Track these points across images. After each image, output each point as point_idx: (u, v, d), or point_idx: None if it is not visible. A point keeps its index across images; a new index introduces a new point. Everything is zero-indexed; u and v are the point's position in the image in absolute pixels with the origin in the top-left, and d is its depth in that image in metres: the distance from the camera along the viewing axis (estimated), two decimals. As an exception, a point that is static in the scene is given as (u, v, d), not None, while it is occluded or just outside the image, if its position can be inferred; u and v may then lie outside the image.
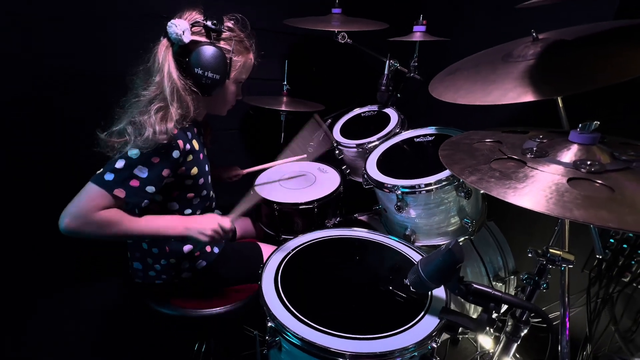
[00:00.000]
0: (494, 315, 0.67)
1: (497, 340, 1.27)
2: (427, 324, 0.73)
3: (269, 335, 0.76)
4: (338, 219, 1.42)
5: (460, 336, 1.46)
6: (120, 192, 0.78)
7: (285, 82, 1.65)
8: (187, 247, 0.99)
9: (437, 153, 0.81)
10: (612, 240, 1.25)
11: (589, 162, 0.61)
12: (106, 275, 1.50)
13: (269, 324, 0.74)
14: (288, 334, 0.71)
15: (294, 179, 1.47)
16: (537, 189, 0.56)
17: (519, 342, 0.75)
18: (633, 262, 1.22)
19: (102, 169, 0.79)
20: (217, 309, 0.99)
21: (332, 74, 1.97)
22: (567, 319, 0.69)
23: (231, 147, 1.86)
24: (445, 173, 0.99)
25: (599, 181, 0.57)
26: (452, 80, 1.03)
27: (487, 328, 0.67)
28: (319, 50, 1.92)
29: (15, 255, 1.34)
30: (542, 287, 0.69)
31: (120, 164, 0.78)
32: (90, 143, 0.82)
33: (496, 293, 0.65)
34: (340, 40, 1.55)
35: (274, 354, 0.78)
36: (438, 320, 0.73)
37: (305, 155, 1.50)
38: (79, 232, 0.76)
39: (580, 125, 0.66)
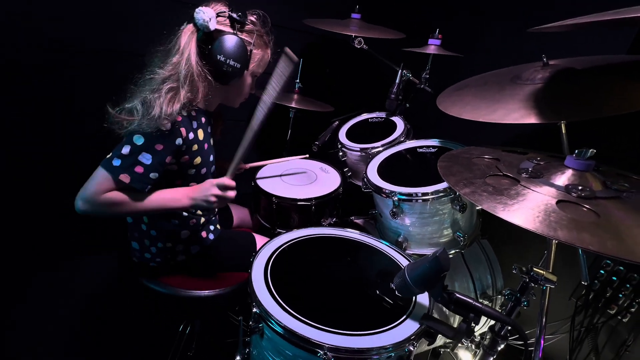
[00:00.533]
0: (473, 326, 0.69)
1: (475, 355, 1.28)
2: (408, 327, 0.75)
3: (252, 321, 0.78)
4: (334, 219, 1.45)
5: (442, 350, 1.47)
6: (125, 178, 0.81)
7: (297, 80, 1.68)
8: (184, 232, 1.02)
9: (437, 164, 0.83)
10: (602, 272, 1.26)
11: (580, 187, 0.62)
12: (105, 250, 1.53)
13: (254, 310, 0.76)
14: (272, 321, 0.73)
15: (296, 175, 1.49)
16: (526, 207, 0.58)
17: (495, 357, 0.76)
18: (620, 295, 1.23)
19: (110, 154, 0.83)
20: (206, 292, 1.02)
21: (344, 77, 2.00)
22: (542, 338, 0.70)
23: (237, 139, 1.88)
24: (443, 185, 1.00)
25: (587, 206, 0.58)
26: (459, 96, 1.05)
27: (465, 338, 0.69)
28: (334, 52, 1.95)
29: (17, 227, 1.37)
30: (522, 304, 0.70)
31: (126, 149, 0.82)
32: (101, 117, 0.84)
33: (476, 304, 0.67)
34: (356, 45, 1.57)
35: (255, 339, 0.80)
36: (418, 325, 0.75)
37: (307, 155, 1.53)
38: (91, 213, 0.82)
39: (576, 151, 0.68)
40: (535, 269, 0.66)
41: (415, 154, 1.26)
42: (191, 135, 0.89)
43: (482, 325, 1.35)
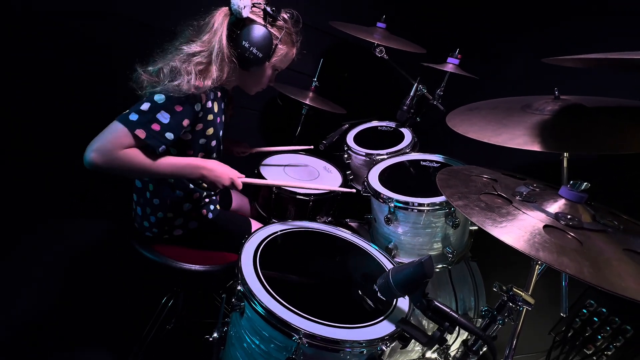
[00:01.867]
0: (447, 336, 0.71)
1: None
2: (384, 327, 0.77)
3: (235, 298, 0.80)
4: (329, 218, 1.47)
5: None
6: (141, 133, 0.82)
7: (315, 79, 1.71)
8: (186, 205, 1.04)
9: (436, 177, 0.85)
10: (584, 311, 1.27)
11: (569, 216, 0.64)
12: (106, 215, 1.57)
13: (239, 287, 0.79)
14: (254, 301, 0.75)
15: (299, 169, 1.52)
16: (513, 226, 0.60)
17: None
18: (599, 337, 1.23)
19: (128, 110, 0.85)
20: (196, 266, 1.04)
21: (361, 82, 2.03)
22: (510, 358, 0.72)
23: (248, 126, 1.92)
24: (440, 198, 1.03)
25: (572, 234, 0.60)
26: (468, 116, 1.08)
27: (437, 346, 0.71)
28: (355, 57, 1.98)
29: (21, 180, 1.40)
30: (498, 322, 0.72)
31: (145, 106, 0.84)
32: (126, 77, 0.87)
33: (453, 314, 0.69)
34: (377, 54, 1.60)
35: (235, 317, 0.83)
36: (394, 328, 0.77)
37: (311, 147, 1.56)
38: (103, 167, 0.79)
39: (571, 182, 0.70)
40: (515, 289, 0.68)
41: (418, 166, 1.28)
42: (209, 104, 0.93)
43: (456, 339, 1.36)
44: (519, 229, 0.60)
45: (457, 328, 0.73)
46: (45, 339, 1.26)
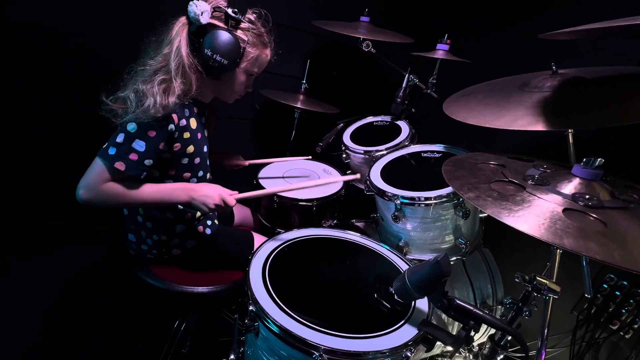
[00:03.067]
0: (473, 335, 0.67)
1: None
2: (406, 332, 0.73)
3: (248, 319, 0.77)
4: (335, 221, 1.44)
5: (439, 359, 1.45)
6: (120, 165, 0.82)
7: (304, 81, 1.68)
8: (179, 226, 1.01)
9: (441, 170, 0.82)
10: (605, 286, 1.24)
11: (587, 197, 0.61)
12: (101, 242, 1.53)
13: (251, 308, 0.75)
14: (268, 320, 0.72)
15: (299, 178, 1.48)
16: (531, 214, 0.57)
17: (507, 351, 0.74)
18: (623, 311, 1.20)
19: (107, 143, 0.84)
20: (201, 288, 1.01)
21: (350, 79, 2.00)
22: (543, 350, 0.69)
23: (240, 136, 1.89)
24: (447, 190, 0.99)
25: (594, 215, 0.57)
26: (465, 101, 1.05)
27: (464, 346, 0.68)
28: (341, 54, 1.95)
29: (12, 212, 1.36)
30: (524, 314, 0.69)
31: (120, 137, 0.83)
32: (96, 106, 0.84)
33: (477, 311, 0.65)
34: (364, 48, 1.57)
35: (250, 338, 0.79)
36: (417, 331, 0.74)
37: (309, 157, 1.53)
38: (92, 202, 0.83)
39: (584, 160, 0.67)
40: (538, 278, 0.65)
41: (420, 158, 1.25)
42: (183, 122, 0.89)
43: (482, 335, 1.33)
44: (538, 216, 0.56)
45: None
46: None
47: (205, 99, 1.01)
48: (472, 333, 0.67)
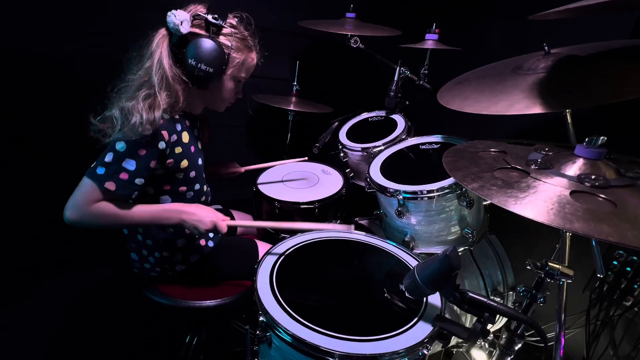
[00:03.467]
0: (488, 327, 0.66)
1: (491, 355, 1.25)
2: (420, 330, 0.72)
3: (260, 330, 0.75)
4: (338, 221, 1.42)
5: (454, 350, 1.44)
6: (110, 185, 0.80)
7: (295, 83, 1.66)
8: (180, 241, 1.00)
9: (441, 162, 0.81)
10: (615, 263, 1.23)
11: (593, 177, 0.60)
12: (106, 262, 1.52)
13: (261, 319, 0.74)
14: (279, 329, 0.70)
15: (298, 182, 1.47)
16: (538, 200, 0.56)
17: (512, 357, 0.73)
18: (636, 286, 1.19)
19: (95, 162, 0.81)
20: (209, 302, 1.00)
21: (342, 77, 1.99)
22: (562, 336, 0.67)
23: (236, 143, 1.87)
24: (449, 181, 0.98)
25: (602, 196, 0.56)
26: (460, 90, 1.03)
27: (480, 339, 0.66)
28: (330, 53, 1.94)
29: (17, 239, 1.35)
30: (539, 301, 0.67)
31: (109, 157, 0.80)
32: (85, 127, 0.83)
33: (491, 303, 0.64)
34: (352, 45, 1.56)
35: (263, 349, 0.78)
36: (431, 327, 0.72)
37: (306, 158, 1.51)
38: (80, 223, 0.81)
39: (586, 139, 0.65)
40: (550, 263, 0.64)
41: (418, 151, 1.24)
42: (174, 138, 0.87)
43: (496, 322, 1.32)
44: (545, 202, 0.55)
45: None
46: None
47: (195, 111, 0.99)
48: (488, 325, 0.66)
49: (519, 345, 0.72)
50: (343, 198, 1.39)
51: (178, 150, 0.89)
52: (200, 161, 0.99)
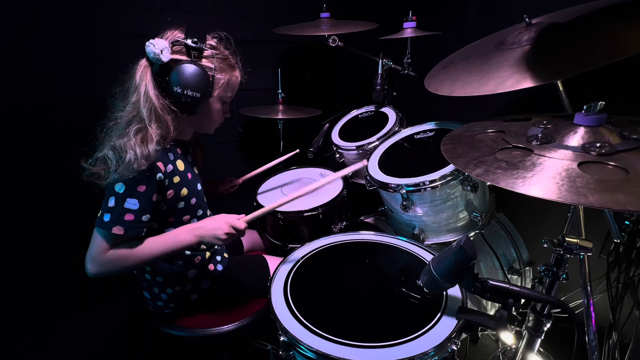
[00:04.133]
0: (514, 312, 0.65)
1: (518, 335, 1.24)
2: (445, 325, 0.70)
3: (282, 350, 0.73)
4: (344, 223, 1.40)
5: (480, 333, 1.42)
6: (118, 230, 0.78)
7: (280, 91, 1.64)
8: (191, 272, 0.98)
9: (439, 148, 0.79)
10: (627, 223, 1.21)
11: (598, 144, 0.58)
12: (120, 302, 1.49)
13: (282, 338, 0.72)
14: (302, 347, 0.68)
15: (297, 186, 1.45)
16: (547, 177, 0.54)
17: (542, 337, 0.72)
18: (652, 244, 1.18)
19: (100, 211, 0.80)
20: (227, 326, 0.97)
21: (326, 78, 1.97)
22: (591, 310, 0.66)
23: (229, 160, 1.85)
24: (449, 168, 0.96)
25: (612, 163, 0.54)
26: (447, 74, 1.02)
27: (508, 326, 0.65)
28: (311, 56, 1.92)
29: (27, 281, 1.32)
30: (561, 278, 0.66)
31: (111, 202, 0.79)
32: (78, 172, 0.81)
33: (514, 288, 0.62)
34: (331, 44, 1.54)
35: (289, 369, 0.76)
36: (456, 321, 0.71)
37: (297, 150, 1.48)
38: (103, 273, 0.80)
39: (585, 107, 0.64)
40: (567, 238, 0.62)
41: (414, 141, 1.22)
42: (170, 168, 0.86)
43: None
44: (554, 178, 0.53)
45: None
46: None
47: (185, 137, 0.97)
48: (513, 310, 0.64)
49: (548, 326, 0.71)
50: (345, 199, 1.37)
51: (176, 179, 0.88)
52: (199, 186, 0.97)
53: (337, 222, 1.37)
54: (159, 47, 0.79)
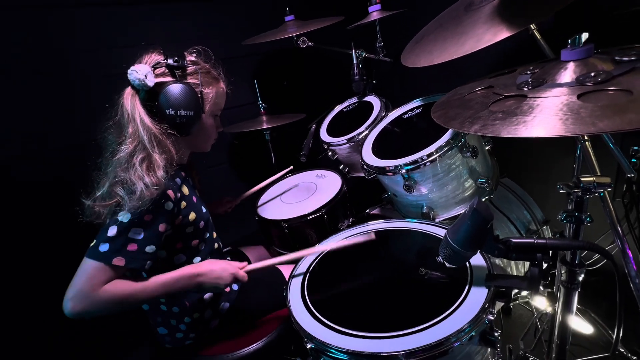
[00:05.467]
0: (545, 267, 0.61)
1: (551, 298, 1.19)
2: (476, 297, 0.66)
3: (312, 358, 0.69)
4: (351, 219, 1.37)
5: (512, 304, 1.37)
6: (119, 261, 0.72)
7: (260, 102, 1.62)
8: (207, 295, 0.93)
9: (430, 123, 0.77)
10: (634, 160, 1.18)
11: (592, 74, 0.56)
12: (133, 345, 1.43)
13: (309, 346, 0.67)
14: (332, 350, 0.64)
15: (295, 192, 1.42)
16: (548, 116, 0.51)
17: (579, 290, 0.68)
18: (664, 177, 1.14)
19: (95, 241, 0.74)
20: (253, 346, 0.92)
21: (304, 80, 1.96)
22: (627, 248, 0.62)
23: (224, 181, 1.82)
24: (444, 138, 0.93)
25: (612, 88, 0.51)
26: (421, 47, 1.00)
27: (542, 283, 0.61)
28: (285, 63, 1.91)
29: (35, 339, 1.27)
30: (586, 222, 0.62)
31: (112, 231, 0.73)
32: (74, 214, 0.77)
33: (539, 241, 0.59)
34: (301, 46, 1.53)
35: (323, 377, 0.71)
36: (486, 290, 0.66)
37: (291, 167, 1.47)
38: (87, 313, 0.71)
39: (569, 41, 0.61)
40: (582, 178, 0.59)
41: (403, 121, 1.19)
42: (178, 195, 0.83)
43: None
44: (556, 115, 0.50)
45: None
46: None
47: (184, 160, 0.95)
48: (544, 265, 0.60)
49: (582, 276, 0.67)
50: (347, 195, 1.34)
51: (183, 205, 0.85)
52: (204, 209, 0.94)
53: (343, 219, 1.33)
54: (142, 72, 0.77)
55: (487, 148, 1.08)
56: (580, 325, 1.19)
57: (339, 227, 1.30)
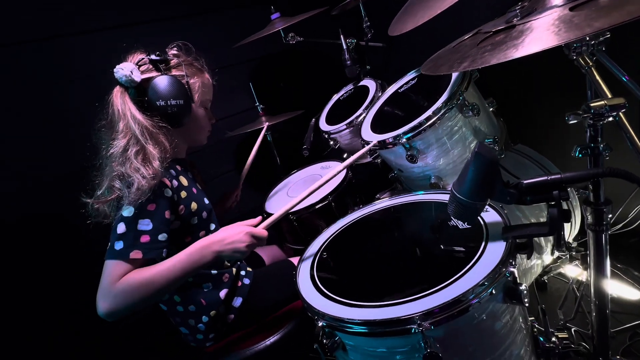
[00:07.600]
0: (565, 207, 0.55)
1: (585, 265, 1.10)
2: (494, 252, 0.61)
3: (326, 338, 0.64)
4: (360, 206, 1.32)
5: (545, 277, 1.28)
6: (136, 254, 0.73)
7: (257, 104, 1.63)
8: (223, 292, 0.92)
9: (426, 90, 0.74)
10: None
11: (584, -12, 0.51)
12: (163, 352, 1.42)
13: (320, 324, 0.64)
14: (346, 325, 0.60)
15: (301, 184, 1.40)
16: (540, 33, 0.47)
17: (609, 232, 0.61)
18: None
19: (109, 243, 0.75)
20: (273, 338, 0.90)
21: (298, 76, 1.96)
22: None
23: (221, 187, 1.83)
24: (441, 99, 0.89)
25: (607, -7, 0.47)
26: (407, 14, 0.98)
27: (564, 224, 0.55)
28: (278, 63, 1.93)
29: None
30: (604, 153, 0.56)
31: (121, 228, 0.74)
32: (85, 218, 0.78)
33: (554, 177, 0.54)
34: (291, 42, 1.54)
35: (340, 356, 0.67)
36: (504, 243, 0.61)
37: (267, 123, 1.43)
38: (115, 309, 0.71)
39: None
40: (592, 104, 0.54)
41: (400, 95, 1.16)
42: (175, 183, 0.83)
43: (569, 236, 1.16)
44: (548, 29, 0.46)
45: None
46: None
47: (181, 154, 0.95)
48: (563, 205, 0.55)
49: (610, 216, 0.60)
50: (353, 181, 1.30)
51: (183, 194, 0.85)
52: (206, 200, 0.94)
53: (352, 205, 1.29)
54: (128, 69, 0.78)
55: (491, 109, 1.03)
56: (626, 290, 1.09)
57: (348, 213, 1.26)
